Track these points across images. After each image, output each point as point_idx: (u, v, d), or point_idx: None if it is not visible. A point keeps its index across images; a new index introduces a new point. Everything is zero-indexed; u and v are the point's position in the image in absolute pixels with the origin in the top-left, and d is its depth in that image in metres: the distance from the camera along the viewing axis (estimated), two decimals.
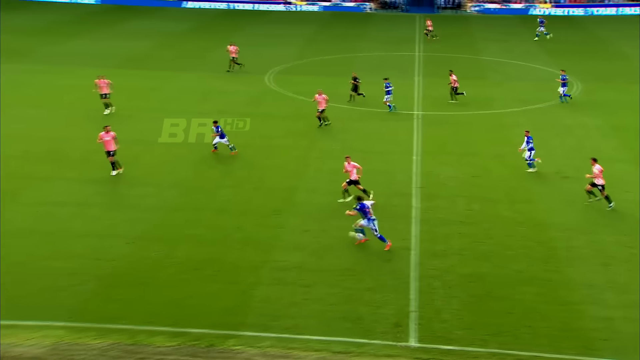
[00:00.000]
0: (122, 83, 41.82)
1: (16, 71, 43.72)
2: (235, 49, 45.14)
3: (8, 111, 33.88)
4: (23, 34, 58.32)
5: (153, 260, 20.42)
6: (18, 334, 16.51)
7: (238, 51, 45.23)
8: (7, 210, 23.38)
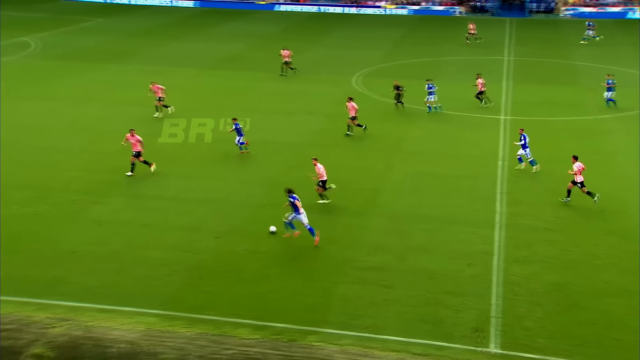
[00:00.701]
0: (217, 83, 43.07)
1: (122, 71, 45.63)
2: (289, 53, 45.11)
3: (115, 109, 35.41)
4: (129, 36, 60.82)
5: (239, 254, 20.84)
6: (115, 319, 17.21)
7: (291, 55, 45.21)
8: (109, 201, 24.43)
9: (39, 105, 36.12)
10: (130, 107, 36.15)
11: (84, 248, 20.82)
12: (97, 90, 40.20)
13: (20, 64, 47.27)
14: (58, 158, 28.48)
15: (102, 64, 47.64)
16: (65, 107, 34.02)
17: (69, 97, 37.12)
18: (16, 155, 28.71)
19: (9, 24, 64.12)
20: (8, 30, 60.54)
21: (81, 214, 23.25)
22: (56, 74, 44.39)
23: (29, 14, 71.77)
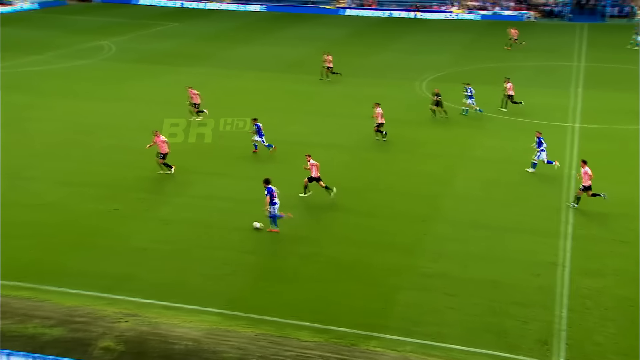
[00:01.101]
0: (285, 87, 43.39)
1: (193, 74, 46.53)
2: (330, 59, 44.87)
3: (184, 111, 36.03)
4: (201, 39, 62.09)
5: (301, 256, 20.87)
6: (179, 316, 17.51)
7: (332, 60, 44.91)
8: (175, 201, 24.92)
9: (114, 107, 37.21)
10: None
11: (151, 246, 21.29)
12: (169, 92, 41.11)
13: (96, 67, 48.87)
14: (129, 158, 29.25)
15: (174, 67, 48.75)
16: (138, 108, 34.94)
17: (141, 98, 38.09)
18: (91, 154, 29.66)
19: (89, 29, 66.48)
20: (87, 34, 62.78)
21: (149, 212, 23.80)
22: (130, 76, 45.68)
23: (107, 19, 74.22)
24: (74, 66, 48.59)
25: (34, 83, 42.79)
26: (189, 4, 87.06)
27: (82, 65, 48.97)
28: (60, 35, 62.20)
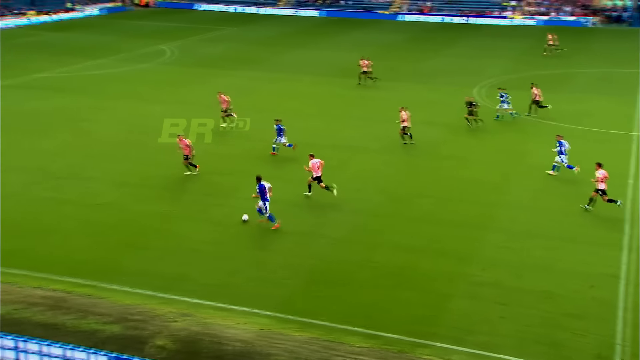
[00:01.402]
0: (337, 91, 43.50)
1: (248, 78, 47.18)
2: (367, 63, 44.71)
3: (238, 114, 36.63)
4: (256, 44, 62.85)
5: (353, 262, 20.87)
6: (231, 317, 17.72)
7: (371, 65, 44.77)
8: (228, 203, 25.25)
9: (171, 109, 37.92)
10: (254, 113, 37.18)
11: (204, 247, 21.62)
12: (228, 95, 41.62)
13: (156, 70, 50.00)
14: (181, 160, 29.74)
15: (230, 71, 49.47)
16: (194, 111, 35.51)
17: (197, 101, 38.69)
18: (148, 155, 30.32)
19: (150, 34, 68.08)
20: (148, 39, 64.28)
21: (203, 214, 24.17)
22: (187, 79, 46.56)
23: (167, 24, 75.85)
24: (134, 69, 49.83)
25: (97, 86, 44.01)
26: (245, 9, 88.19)
27: (143, 69, 50.17)
28: (123, 39, 63.90)
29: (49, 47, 59.20)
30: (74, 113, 36.84)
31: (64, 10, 79.70)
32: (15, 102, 38.64)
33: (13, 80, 44.57)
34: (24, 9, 75.58)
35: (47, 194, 25.56)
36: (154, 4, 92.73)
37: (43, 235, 22.24)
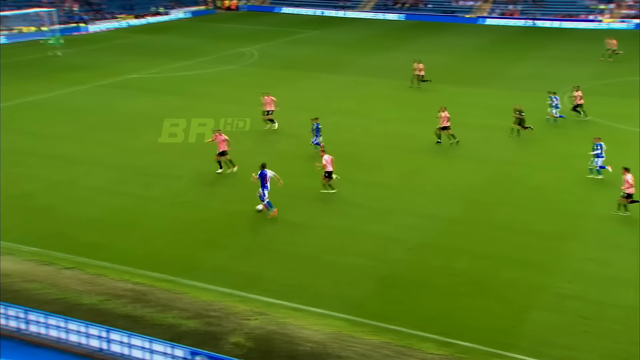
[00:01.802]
0: (419, 96, 43.05)
1: (331, 81, 47.45)
2: (422, 67, 44.39)
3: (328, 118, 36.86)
4: (339, 47, 63.13)
5: (430, 268, 20.57)
6: (306, 318, 17.80)
7: (423, 69, 44.39)
8: (306, 204, 25.39)
9: (255, 111, 38.51)
10: (334, 117, 37.32)
11: (283, 248, 21.81)
12: (306, 98, 42.08)
13: (239, 72, 50.97)
14: (264, 161, 30.10)
15: (312, 73, 49.84)
16: (276, 113, 35.85)
17: (280, 104, 39.11)
18: (233, 155, 30.84)
19: (234, 36, 69.52)
20: (233, 41, 65.66)
21: (282, 215, 24.37)
22: (270, 82, 47.15)
23: (252, 27, 77.26)
24: (219, 71, 50.98)
25: (183, 87, 45.28)
26: (329, 12, 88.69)
27: (227, 71, 51.26)
28: (208, 42, 65.52)
29: (139, 49, 61.41)
30: (161, 113, 37.99)
31: (154, 14, 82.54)
32: (108, 101, 40.24)
33: (108, 80, 46.49)
34: (116, 13, 78.87)
35: (134, 191, 26.47)
36: (236, 7, 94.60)
37: (129, 230, 23.05)
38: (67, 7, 74.74)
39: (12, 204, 24.85)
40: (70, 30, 70.13)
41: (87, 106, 39.42)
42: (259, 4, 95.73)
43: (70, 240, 21.93)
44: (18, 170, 28.34)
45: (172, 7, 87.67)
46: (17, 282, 19.19)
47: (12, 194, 25.79)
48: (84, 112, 38.12)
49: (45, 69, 50.66)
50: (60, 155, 30.25)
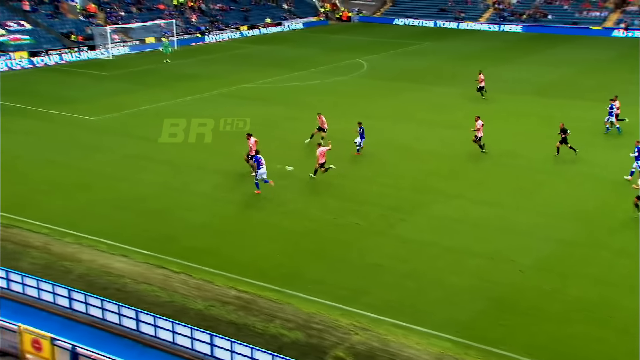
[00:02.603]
0: (538, 110, 41.68)
1: (442, 94, 46.92)
2: (483, 78, 44.62)
3: (430, 130, 36.57)
4: (453, 59, 62.43)
5: (543, 292, 19.79)
6: (410, 336, 17.57)
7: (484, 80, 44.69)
8: (414, 219, 25.17)
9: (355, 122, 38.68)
10: (445, 130, 36.88)
11: (388, 263, 21.71)
12: (416, 110, 41.77)
13: (351, 83, 51.37)
14: (367, 173, 30.23)
15: (424, 85, 49.45)
16: (383, 125, 35.90)
17: (388, 115, 39.16)
18: (338, 165, 31.10)
19: (346, 47, 70.28)
20: (345, 52, 66.36)
21: (388, 229, 24.30)
22: (380, 93, 47.31)
23: (364, 38, 77.79)
24: (331, 82, 51.62)
25: (295, 97, 46.19)
26: (444, 23, 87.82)
27: (339, 82, 51.81)
28: (322, 53, 66.62)
29: (253, 59, 63.29)
30: (271, 122, 38.93)
31: (268, 25, 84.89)
32: (221, 110, 41.63)
33: (222, 90, 48.23)
34: (232, 24, 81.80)
35: (241, 198, 27.22)
36: (348, 18, 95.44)
37: (235, 237, 23.71)
38: (186, 18, 78.31)
39: (128, 207, 26.24)
40: (188, 41, 73.47)
41: (200, 114, 40.99)
42: (371, 15, 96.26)
43: (180, 245, 22.87)
44: (134, 175, 29.89)
45: (285, 18, 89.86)
46: (129, 284, 20.22)
47: (128, 197, 27.24)
48: (195, 119, 39.58)
49: (163, 78, 53.25)
50: (172, 161, 31.62)
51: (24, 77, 54.42)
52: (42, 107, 41.96)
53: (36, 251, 22.23)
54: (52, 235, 23.43)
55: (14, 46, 60.26)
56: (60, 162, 31.51)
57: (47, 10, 68.43)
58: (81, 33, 66.24)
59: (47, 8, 68.77)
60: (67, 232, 23.60)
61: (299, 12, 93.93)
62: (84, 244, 22.77)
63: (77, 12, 70.22)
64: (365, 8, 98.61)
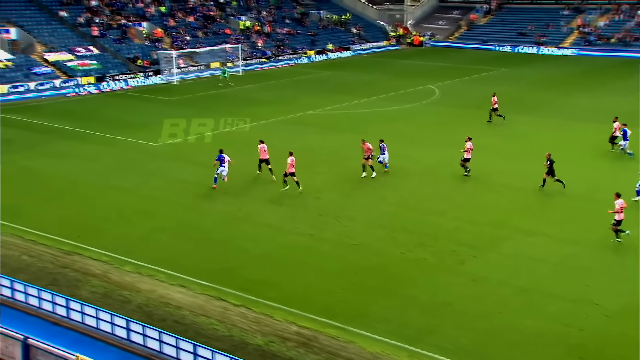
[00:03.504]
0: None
1: (522, 122, 46.17)
2: (496, 100, 45.80)
3: (509, 161, 35.89)
4: (532, 86, 61.60)
5: (632, 340, 18.95)
6: None
7: (497, 102, 45.80)
8: (487, 257, 24.68)
9: (431, 153, 38.41)
10: (523, 162, 36.15)
11: (458, 302, 21.29)
12: (492, 140, 41.13)
13: (420, 111, 51.23)
14: (444, 206, 29.86)
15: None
16: (457, 155, 35.37)
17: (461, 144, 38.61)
18: (406, 201, 30.90)
19: (418, 73, 70.38)
20: (416, 78, 66.37)
21: (459, 266, 23.89)
22: (453, 121, 46.93)
23: (436, 63, 77.71)
24: (399, 109, 51.57)
25: (361, 124, 46.28)
26: (522, 48, 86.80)
27: (407, 109, 51.73)
28: (391, 78, 66.85)
29: (318, 85, 63.98)
30: (337, 150, 39.10)
31: (339, 49, 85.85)
32: (288, 137, 42.11)
33: (286, 116, 48.86)
34: (298, 48, 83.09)
35: (306, 230, 27.30)
36: (419, 42, 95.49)
37: (298, 270, 23.78)
38: (253, 43, 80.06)
39: (188, 235, 26.72)
40: (254, 65, 75.04)
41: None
42: (445, 40, 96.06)
43: (240, 276, 23.08)
44: (196, 203, 30.48)
45: (353, 42, 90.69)
46: (187, 316, 20.50)
47: (189, 225, 27.76)
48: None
49: (226, 104, 54.40)
50: (236, 190, 32.01)
51: (90, 102, 56.62)
52: (106, 133, 43.45)
53: (96, 279, 22.86)
54: (112, 263, 24.07)
55: (81, 71, 62.95)
56: (123, 188, 32.45)
57: (114, 35, 71.26)
58: (147, 58, 68.64)
59: (114, 33, 71.65)
60: (127, 260, 24.21)
61: (369, 36, 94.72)
62: (143, 273, 23.29)
63: (143, 37, 72.84)
64: (438, 32, 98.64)
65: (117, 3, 76.62)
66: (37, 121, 47.63)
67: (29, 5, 70.43)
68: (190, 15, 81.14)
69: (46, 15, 70.27)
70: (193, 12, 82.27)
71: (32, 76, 59.95)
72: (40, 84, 59.26)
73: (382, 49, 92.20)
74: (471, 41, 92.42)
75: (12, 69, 59.94)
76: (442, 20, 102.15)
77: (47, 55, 63.90)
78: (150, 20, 76.44)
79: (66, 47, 66.11)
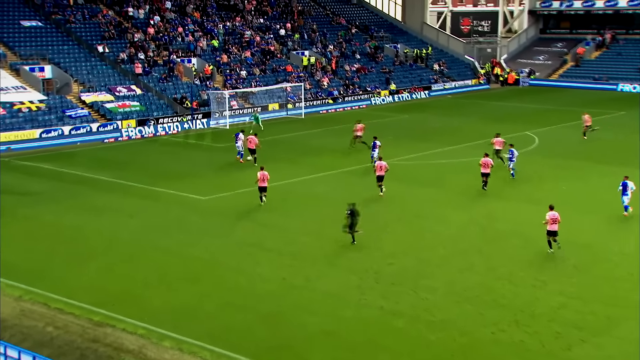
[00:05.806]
0: None
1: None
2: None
3: (621, 225, 34.88)
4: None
5: None
6: None
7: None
8: (600, 342, 23.87)
9: (527, 210, 37.69)
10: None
11: None
12: (605, 199, 39.99)
13: (516, 162, 50.51)
14: (543, 277, 29.14)
15: (616, 167, 47.29)
16: (562, 217, 34.70)
17: (567, 204, 37.73)
18: (493, 266, 30.30)
19: (510, 117, 70.01)
20: (507, 123, 65.57)
21: (564, 352, 23.10)
22: (556, 174, 46.15)
23: (532, 105, 77.27)
24: None
25: (442, 176, 45.99)
26: None
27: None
28: (477, 123, 66.65)
29: (393, 130, 63.57)
30: (414, 208, 38.83)
31: (419, 89, 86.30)
32: (356, 190, 42.09)
33: (357, 166, 48.96)
34: (369, 88, 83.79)
35: (376, 302, 27.01)
36: (515, 81, 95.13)
37: (367, 350, 23.44)
38: (317, 82, 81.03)
39: (238, 305, 26.76)
40: (318, 108, 75.93)
41: (326, 195, 41.71)
42: (546, 78, 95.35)
43: (297, 356, 22.91)
44: (248, 267, 30.59)
45: (435, 81, 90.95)
46: None
47: (239, 293, 27.83)
48: (322, 201, 40.39)
49: (286, 151, 54.96)
50: (294, 252, 32.13)
51: (130, 148, 58.27)
52: (148, 184, 44.43)
53: (130, 356, 23.04)
54: (149, 337, 24.22)
55: (122, 114, 64.79)
56: (165, 249, 32.91)
57: (160, 72, 73.21)
58: (196, 98, 70.20)
59: (160, 70, 73.59)
60: (167, 334, 24.34)
61: (453, 73, 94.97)
62: (184, 349, 23.35)
63: (192, 75, 74.52)
64: (538, 69, 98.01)
65: (164, 37, 78.72)
66: (70, 170, 49.14)
67: (66, 40, 73.27)
68: (246, 50, 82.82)
69: (85, 51, 72.75)
70: (249, 46, 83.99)
71: (66, 119, 62.07)
72: (76, 128, 61.28)
73: (469, 88, 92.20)
74: (579, 79, 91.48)
75: (45, 111, 62.23)
76: (543, 55, 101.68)
77: (84, 95, 66.14)
78: (201, 56, 78.39)
79: (105, 87, 68.29)
